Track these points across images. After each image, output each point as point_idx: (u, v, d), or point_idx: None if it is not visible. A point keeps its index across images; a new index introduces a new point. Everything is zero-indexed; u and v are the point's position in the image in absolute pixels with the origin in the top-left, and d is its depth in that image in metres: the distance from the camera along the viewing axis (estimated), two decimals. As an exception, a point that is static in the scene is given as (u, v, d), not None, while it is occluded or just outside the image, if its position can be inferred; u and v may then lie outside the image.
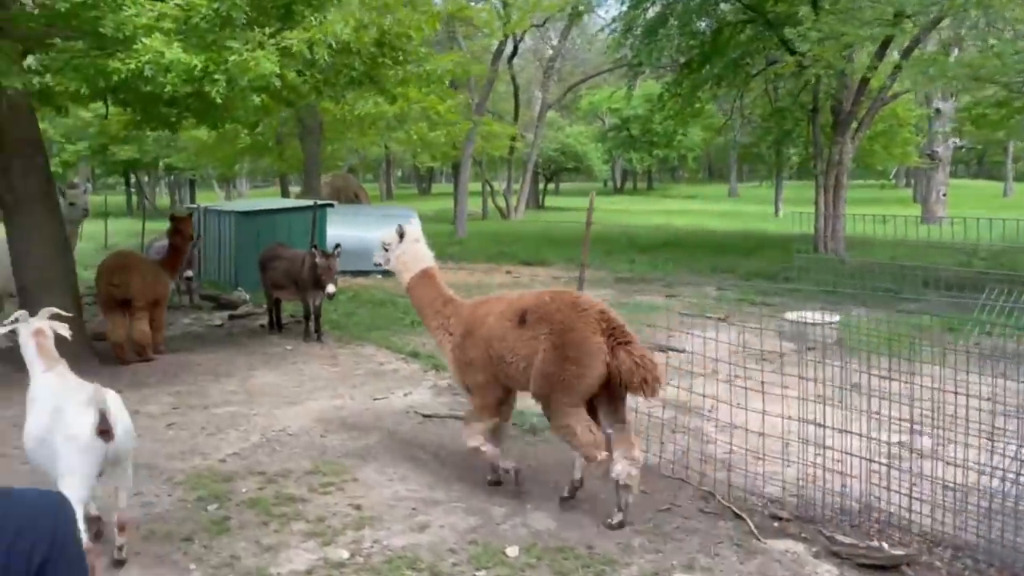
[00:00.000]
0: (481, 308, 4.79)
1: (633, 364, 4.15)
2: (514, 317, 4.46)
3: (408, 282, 5.09)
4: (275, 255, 9.55)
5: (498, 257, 20.51)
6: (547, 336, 4.25)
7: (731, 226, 32.97)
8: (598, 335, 4.19)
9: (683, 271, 18.28)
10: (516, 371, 4.44)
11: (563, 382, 4.21)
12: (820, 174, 21.38)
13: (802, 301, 13.87)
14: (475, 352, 4.62)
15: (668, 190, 74.93)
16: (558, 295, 4.54)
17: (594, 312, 4.32)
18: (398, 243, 5.08)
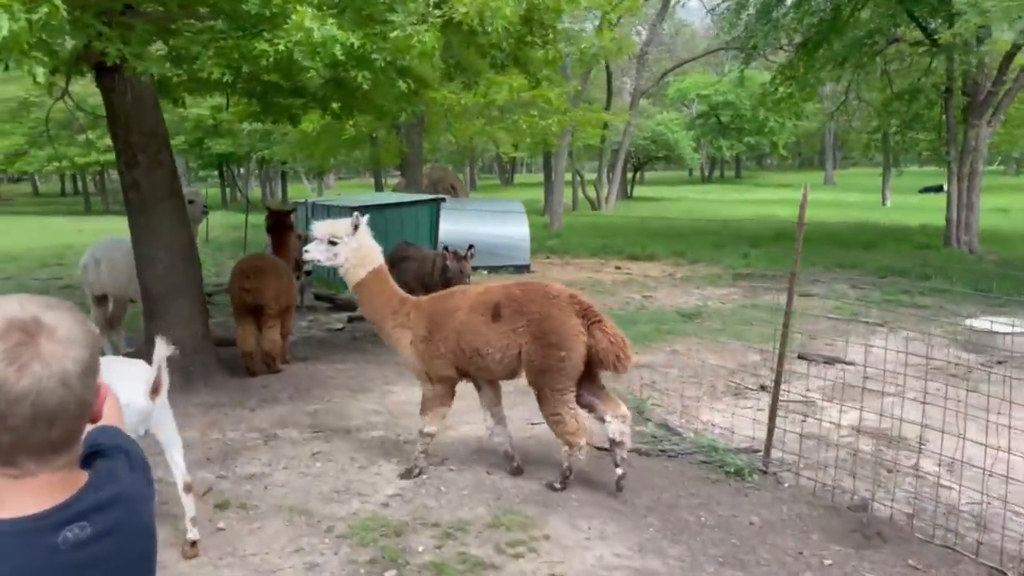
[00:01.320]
0: (445, 303, 4.86)
1: (608, 343, 4.47)
2: (487, 312, 4.58)
3: (361, 280, 4.92)
4: (403, 255, 8.92)
5: (602, 251, 19.61)
6: (525, 328, 4.46)
7: (838, 217, 31.19)
8: (574, 318, 4.45)
9: (805, 267, 16.96)
10: (492, 362, 4.62)
11: (551, 369, 4.44)
12: (953, 161, 19.69)
13: (960, 303, 12.57)
14: (446, 346, 4.70)
15: (758, 178, 72.51)
16: (527, 287, 4.69)
17: (565, 297, 4.54)
18: (351, 236, 4.85)
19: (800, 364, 8.44)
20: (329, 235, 4.91)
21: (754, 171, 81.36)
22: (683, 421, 6.33)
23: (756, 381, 7.77)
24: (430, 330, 4.75)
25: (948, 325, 10.51)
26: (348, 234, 4.87)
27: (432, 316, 4.80)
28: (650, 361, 8.37)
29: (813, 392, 7.40)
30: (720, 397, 7.21)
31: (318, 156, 21.43)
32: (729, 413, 6.53)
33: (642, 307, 11.89)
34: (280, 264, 7.82)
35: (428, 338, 4.75)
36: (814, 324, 10.53)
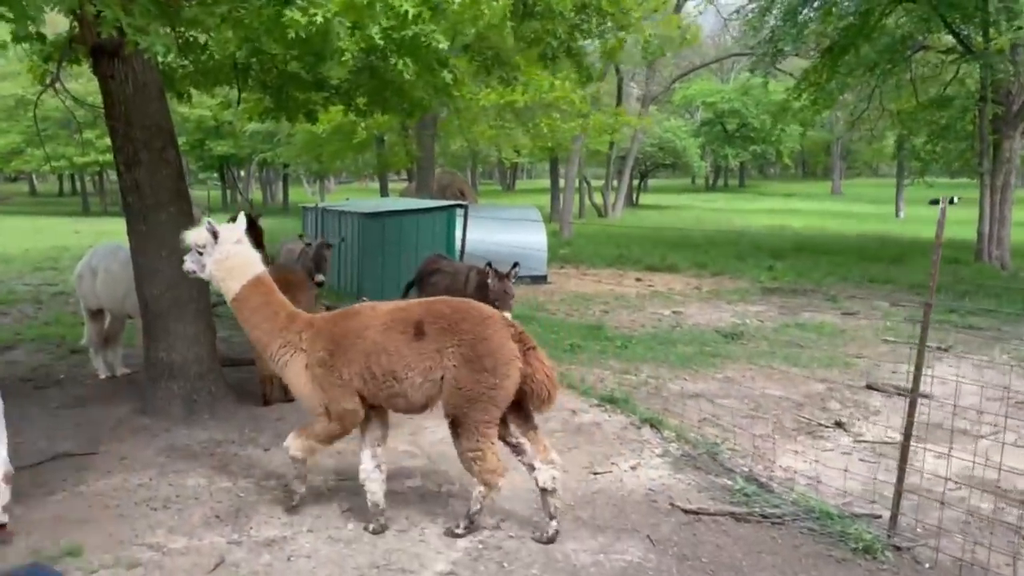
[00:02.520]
0: (350, 321, 4.20)
1: (544, 374, 4.02)
2: (407, 328, 4.03)
3: (236, 293, 4.23)
4: (434, 268, 8.08)
5: (619, 262, 18.80)
6: (455, 349, 3.94)
7: (852, 228, 30.46)
8: (511, 342, 3.98)
9: (834, 281, 16.20)
10: (411, 388, 4.04)
11: (481, 397, 3.91)
12: (986, 173, 18.91)
13: (1018, 325, 11.76)
14: (350, 371, 4.06)
15: (762, 187, 71.76)
16: (454, 303, 4.17)
17: (499, 318, 4.08)
18: (213, 245, 4.22)
19: (871, 396, 7.63)
20: (195, 245, 4.24)
21: (757, 180, 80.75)
22: (760, 468, 5.49)
23: (827, 416, 6.94)
24: (331, 352, 4.10)
25: (1015, 350, 9.71)
26: (211, 243, 4.21)
27: (333, 336, 4.13)
28: (702, 389, 7.54)
29: (897, 432, 6.58)
30: (792, 436, 6.37)
31: (326, 159, 20.59)
32: (810, 457, 5.70)
33: (676, 325, 11.06)
34: (304, 276, 6.97)
35: (327, 361, 4.09)
36: (873, 348, 9.71)
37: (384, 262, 11.54)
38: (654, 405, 6.83)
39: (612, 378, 7.71)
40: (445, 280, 7.71)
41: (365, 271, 11.51)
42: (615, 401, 6.52)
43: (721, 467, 5.16)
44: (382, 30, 4.26)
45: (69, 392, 6.81)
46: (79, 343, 7.77)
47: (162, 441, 5.49)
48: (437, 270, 7.99)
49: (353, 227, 11.83)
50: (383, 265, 11.54)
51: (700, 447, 5.48)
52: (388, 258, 11.56)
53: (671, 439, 5.63)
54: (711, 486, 4.81)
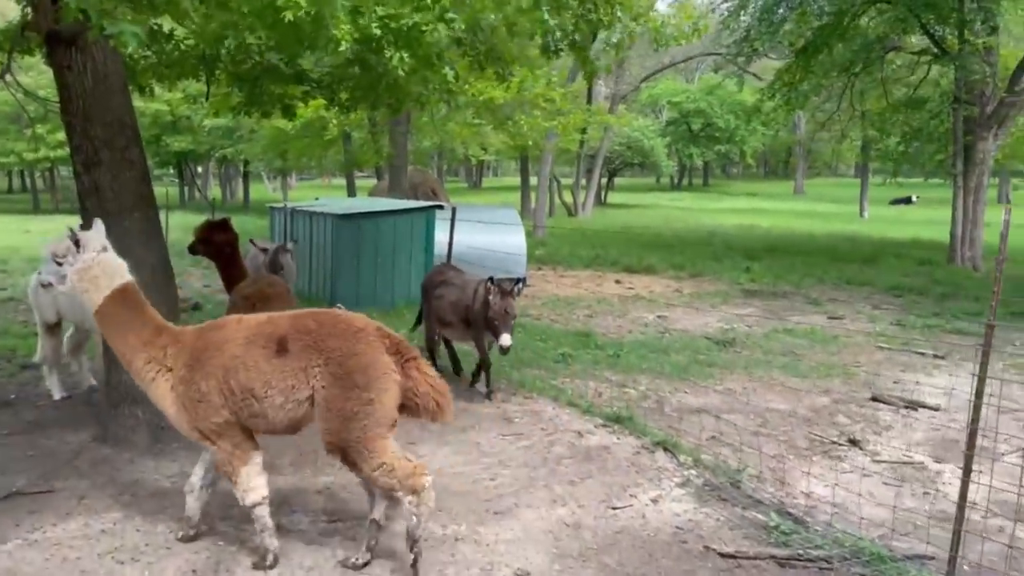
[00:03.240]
0: (214, 334, 3.90)
1: (429, 387, 3.81)
2: (269, 343, 3.74)
3: (99, 305, 3.86)
4: (441, 280, 7.49)
5: (596, 263, 18.44)
6: (323, 367, 3.66)
7: (819, 228, 30.55)
8: (385, 355, 3.73)
9: (813, 283, 16.03)
10: (272, 408, 3.72)
11: (356, 415, 3.63)
12: (959, 174, 18.94)
13: (1007, 330, 11.60)
14: (208, 385, 3.76)
15: (726, 186, 72.23)
16: (322, 316, 3.87)
17: (372, 330, 3.80)
18: (76, 254, 3.87)
19: (878, 408, 7.31)
20: (54, 255, 3.85)
21: (721, 179, 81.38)
22: (782, 494, 5.10)
23: (838, 432, 6.60)
24: (190, 367, 3.81)
25: (1011, 357, 9.51)
26: (72, 252, 3.86)
27: (194, 350, 3.84)
28: (705, 404, 7.15)
29: (914, 449, 6.28)
30: (807, 456, 6.01)
31: (293, 156, 19.88)
32: (830, 481, 5.33)
33: (665, 331, 10.69)
34: (287, 288, 6.38)
35: (187, 378, 3.81)
36: (868, 355, 9.44)
37: (360, 266, 10.99)
38: (658, 422, 6.42)
39: (610, 392, 7.29)
40: (452, 294, 7.15)
41: (339, 276, 10.94)
42: (621, 420, 6.09)
43: (748, 498, 4.75)
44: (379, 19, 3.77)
45: (21, 416, 6.17)
46: (32, 359, 7.12)
47: (126, 475, 4.92)
48: (444, 282, 7.39)
49: (326, 229, 11.26)
50: (358, 270, 10.99)
51: (720, 474, 5.07)
52: (364, 262, 11.01)
53: (688, 465, 5.21)
54: (742, 522, 4.40)
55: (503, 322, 6.20)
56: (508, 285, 6.40)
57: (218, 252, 6.69)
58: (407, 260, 11.42)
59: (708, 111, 55.92)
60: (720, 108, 55.88)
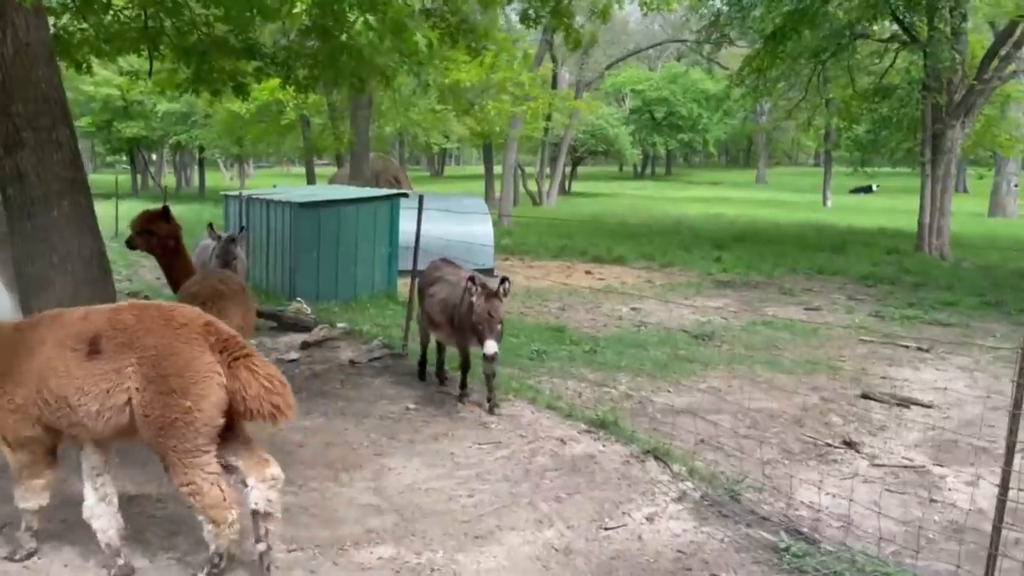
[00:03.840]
0: (26, 334, 3.57)
1: (261, 388, 3.43)
2: (81, 345, 3.40)
3: None
4: (436, 277, 6.82)
5: (564, 253, 18.02)
6: (136, 368, 3.33)
7: (784, 217, 30.51)
8: (207, 354, 3.40)
9: (784, 273, 15.81)
10: (89, 417, 3.38)
11: (174, 424, 3.31)
12: (928, 163, 18.88)
13: (984, 320, 11.43)
14: (24, 395, 3.44)
15: (689, 175, 72.38)
16: (142, 310, 3.53)
17: (196, 326, 3.46)
18: None
19: (870, 407, 6.99)
20: None
21: (683, 168, 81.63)
22: (781, 505, 4.71)
23: (831, 434, 6.25)
24: (1, 372, 3.50)
25: (993, 347, 9.29)
26: None
27: (5, 352, 3.52)
28: (690, 404, 6.75)
29: (912, 451, 5.95)
30: (802, 461, 5.65)
31: (249, 142, 19.07)
32: (830, 488, 4.96)
33: (640, 324, 10.30)
34: (243, 285, 5.79)
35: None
36: (851, 349, 9.14)
37: (320, 258, 10.40)
38: (643, 426, 6.01)
39: (590, 392, 6.86)
40: (443, 291, 6.51)
41: (299, 268, 10.34)
42: (606, 425, 5.65)
43: (751, 514, 4.34)
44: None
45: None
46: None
47: (54, 497, 4.34)
48: (439, 279, 6.73)
49: (284, 218, 10.64)
50: (319, 261, 10.40)
51: (718, 486, 4.66)
52: (325, 253, 10.43)
53: (682, 476, 4.79)
54: (748, 542, 3.99)
55: (487, 326, 5.59)
56: (493, 285, 5.82)
57: (161, 246, 6.05)
58: (370, 251, 10.86)
59: (671, 100, 55.90)
60: (683, 97, 55.89)
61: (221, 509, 3.38)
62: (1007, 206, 32.03)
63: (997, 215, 31.74)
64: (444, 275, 6.72)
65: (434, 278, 6.80)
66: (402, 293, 11.25)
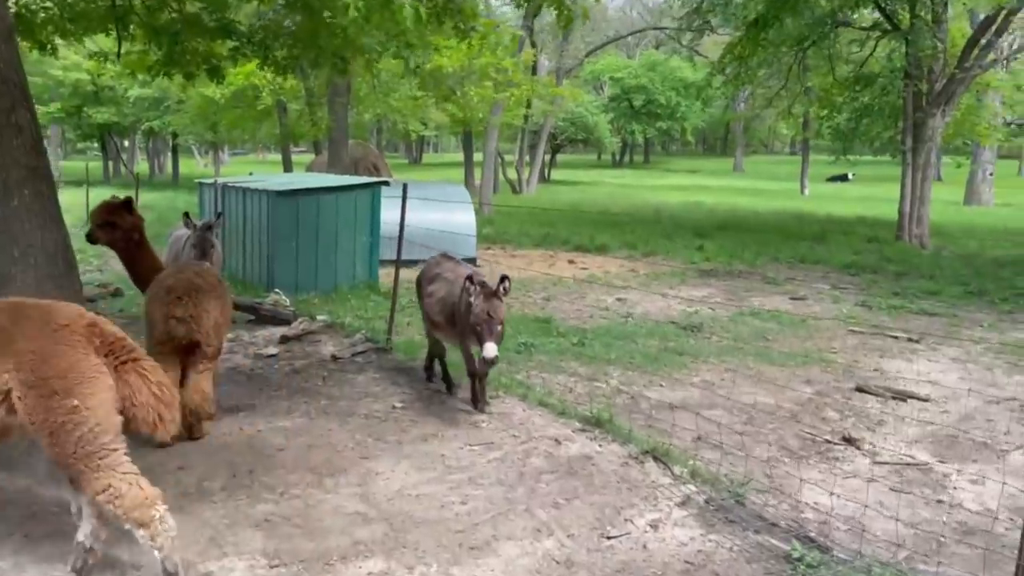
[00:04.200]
0: None
1: (151, 396, 3.31)
2: None
3: None
4: (436, 274, 6.36)
5: (546, 242, 17.78)
6: (13, 373, 3.11)
7: (763, 205, 30.50)
8: (92, 356, 3.21)
9: (767, 262, 15.71)
10: None
11: (64, 428, 3.09)
12: (908, 151, 18.87)
13: (969, 310, 11.37)
14: None
15: (666, 163, 72.38)
16: (18, 311, 3.29)
17: (79, 327, 3.27)
18: None
19: (865, 400, 6.84)
20: None
21: (661, 156, 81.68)
22: (786, 507, 4.53)
23: (829, 429, 6.09)
24: None
25: (983, 339, 9.20)
26: None
27: None
28: (683, 399, 6.56)
29: (913, 447, 5.80)
30: (802, 458, 5.48)
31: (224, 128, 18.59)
32: (833, 487, 4.79)
33: (627, 315, 10.11)
34: (220, 278, 5.49)
35: None
36: (842, 340, 9.01)
37: (299, 248, 10.08)
38: (637, 422, 5.81)
39: (581, 387, 6.64)
40: (442, 289, 6.09)
41: (277, 259, 10.02)
42: (601, 423, 5.44)
43: (759, 519, 4.15)
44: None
45: None
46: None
47: (21, 509, 4.05)
48: (437, 276, 6.30)
49: (261, 207, 10.29)
50: (298, 251, 10.08)
51: (722, 489, 4.47)
52: (304, 243, 10.11)
53: (684, 478, 4.58)
54: (759, 551, 3.79)
55: (486, 328, 5.20)
56: (492, 285, 5.44)
57: (124, 239, 5.71)
58: (351, 241, 10.56)
59: (649, 87, 55.77)
60: (661, 85, 55.79)
61: (145, 508, 3.15)
62: (982, 194, 32.27)
63: (973, 203, 31.96)
64: (443, 272, 6.30)
65: (433, 275, 6.38)
66: (384, 284, 10.97)
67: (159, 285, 5.05)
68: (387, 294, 10.88)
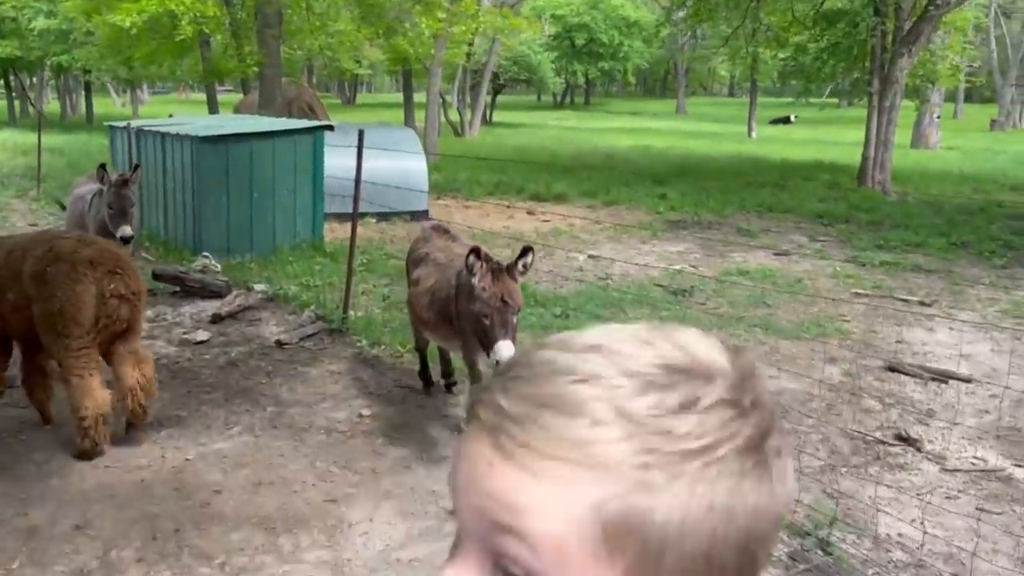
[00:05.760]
0: None
1: None
2: None
3: None
4: (423, 253, 4.86)
5: (499, 190, 16.54)
6: None
7: (714, 149, 29.69)
8: None
9: (735, 211, 14.87)
10: None
11: None
12: (875, 93, 18.17)
13: (963, 265, 10.68)
14: None
15: (608, 105, 71.06)
16: None
17: None
18: None
19: (902, 383, 5.98)
20: None
21: (602, 98, 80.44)
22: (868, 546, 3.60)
23: (876, 423, 5.19)
24: None
25: (991, 300, 8.47)
26: None
27: None
28: (699, 386, 5.55)
29: (977, 445, 4.95)
30: (859, 466, 4.56)
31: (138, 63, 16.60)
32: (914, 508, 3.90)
33: (606, 277, 9.07)
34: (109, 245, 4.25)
35: None
36: (848, 306, 8.14)
37: (230, 203, 8.67)
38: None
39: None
40: (431, 277, 4.57)
41: (204, 216, 8.60)
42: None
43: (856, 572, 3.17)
44: None
45: None
46: None
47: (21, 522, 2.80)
48: (426, 257, 4.78)
49: (184, 155, 8.80)
50: (229, 207, 8.68)
51: (796, 531, 3.48)
52: (236, 197, 8.70)
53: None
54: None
55: (498, 320, 3.79)
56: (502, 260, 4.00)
57: None
58: (291, 194, 9.17)
59: (592, 26, 54.20)
60: (604, 23, 54.26)
61: None
62: (930, 137, 32.10)
63: (920, 147, 31.79)
64: (431, 252, 4.77)
65: (419, 255, 4.91)
66: (330, 244, 9.67)
67: (83, 256, 3.81)
68: (334, 255, 9.60)
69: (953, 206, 16.22)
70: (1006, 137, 37.45)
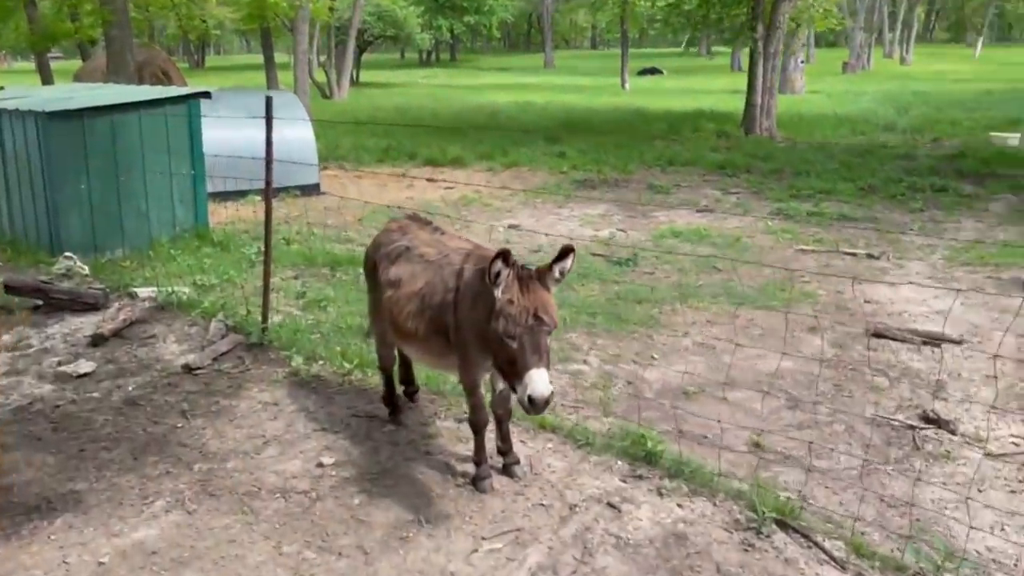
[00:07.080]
0: None
1: None
2: None
3: None
4: (400, 247, 3.82)
5: (389, 157, 15.36)
6: None
7: (595, 102, 29.35)
8: None
9: (638, 167, 14.39)
10: None
11: None
12: (760, 39, 18.13)
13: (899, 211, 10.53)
14: None
15: (475, 61, 69.68)
16: None
17: None
18: None
19: (897, 351, 5.51)
20: None
21: (468, 54, 78.91)
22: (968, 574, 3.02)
23: (895, 404, 4.68)
24: None
25: (935, 248, 8.27)
26: None
27: None
28: (688, 376, 4.87)
29: (1006, 421, 4.51)
30: (901, 460, 4.01)
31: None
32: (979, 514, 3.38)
33: (538, 249, 8.25)
34: None
35: None
36: (800, 262, 7.69)
37: (91, 190, 7.21)
38: (663, 427, 4.07)
39: (562, 381, 4.76)
40: (421, 277, 3.58)
41: (62, 208, 7.10)
42: (653, 459, 3.61)
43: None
44: None
45: None
46: None
47: None
48: (406, 253, 3.75)
49: (28, 134, 7.21)
50: (89, 195, 7.21)
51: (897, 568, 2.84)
52: (97, 183, 7.24)
53: (845, 561, 2.89)
54: None
55: (529, 342, 2.89)
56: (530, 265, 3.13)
57: None
58: (164, 176, 7.77)
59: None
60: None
61: None
62: (796, 82, 32.96)
63: (786, 92, 32.62)
64: (415, 247, 3.77)
65: (395, 251, 3.83)
66: (216, 230, 8.35)
67: None
68: (224, 244, 8.30)
69: (841, 148, 16.39)
70: (859, 79, 39.07)
